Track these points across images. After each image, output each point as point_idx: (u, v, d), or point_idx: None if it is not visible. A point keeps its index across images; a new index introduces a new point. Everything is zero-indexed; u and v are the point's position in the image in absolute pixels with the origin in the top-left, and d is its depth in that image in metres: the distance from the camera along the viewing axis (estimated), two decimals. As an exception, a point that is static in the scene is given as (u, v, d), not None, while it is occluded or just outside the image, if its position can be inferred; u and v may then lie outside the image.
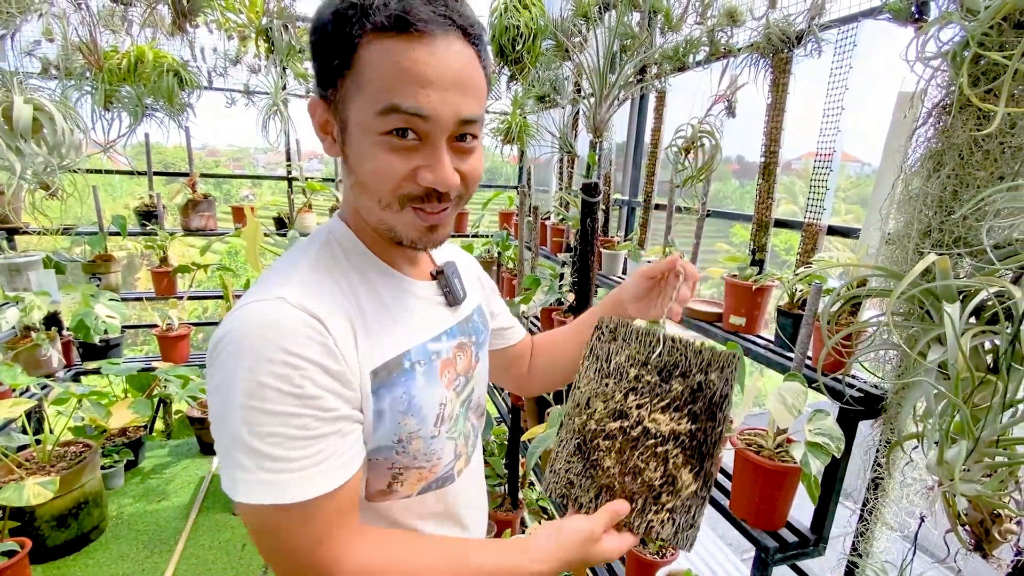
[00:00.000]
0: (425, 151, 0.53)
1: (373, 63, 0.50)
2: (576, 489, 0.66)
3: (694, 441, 0.64)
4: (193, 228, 2.85)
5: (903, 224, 0.99)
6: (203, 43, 2.59)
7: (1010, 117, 0.85)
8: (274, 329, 0.49)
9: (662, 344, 0.68)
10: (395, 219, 0.57)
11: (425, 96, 0.50)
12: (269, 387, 0.48)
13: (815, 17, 1.22)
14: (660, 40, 1.79)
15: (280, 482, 0.48)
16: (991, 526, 0.87)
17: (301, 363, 0.49)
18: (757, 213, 1.40)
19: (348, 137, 0.55)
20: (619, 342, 0.70)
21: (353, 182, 0.57)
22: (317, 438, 0.50)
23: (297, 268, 0.57)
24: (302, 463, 0.49)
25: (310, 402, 0.50)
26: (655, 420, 0.65)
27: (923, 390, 0.89)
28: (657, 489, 0.63)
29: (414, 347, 0.61)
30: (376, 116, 0.51)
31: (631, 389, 0.67)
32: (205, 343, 7.83)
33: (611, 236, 2.21)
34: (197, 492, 2.60)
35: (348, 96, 0.53)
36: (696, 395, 0.65)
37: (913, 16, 1.03)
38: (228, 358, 0.49)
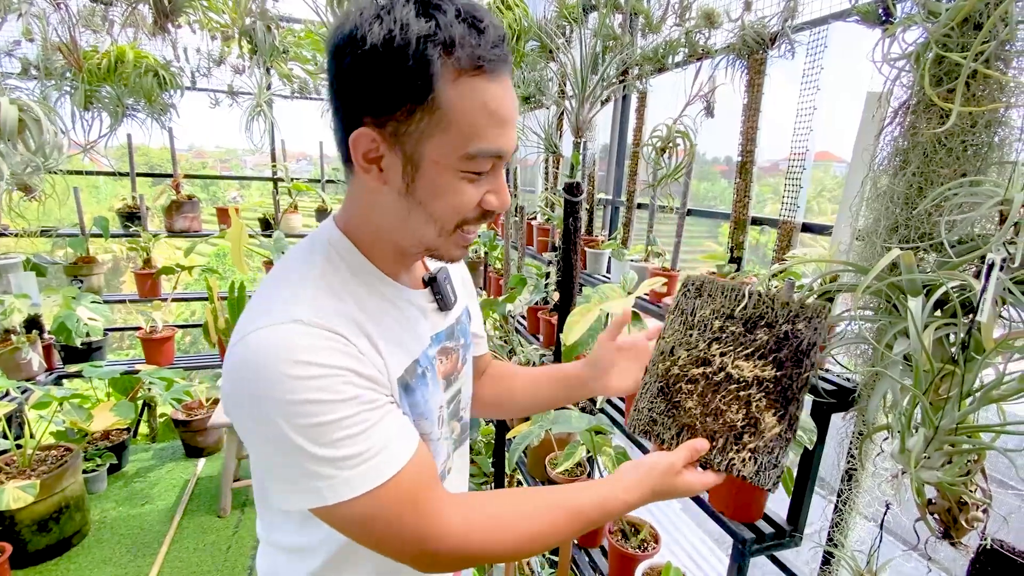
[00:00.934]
0: (490, 178, 0.56)
1: (461, 103, 0.50)
2: (658, 427, 0.71)
3: (779, 386, 0.67)
4: (177, 229, 2.83)
5: (872, 221, 1.02)
6: (186, 43, 2.57)
7: (971, 116, 0.87)
8: (298, 350, 0.49)
9: (748, 298, 0.72)
10: (445, 242, 0.59)
11: (502, 137, 0.53)
12: (314, 402, 0.48)
13: (788, 19, 1.24)
14: (641, 42, 1.82)
15: (364, 472, 0.50)
16: (958, 514, 0.90)
17: (334, 371, 0.50)
18: (734, 211, 1.42)
19: (420, 172, 0.53)
20: (704, 297, 0.75)
21: (409, 211, 0.56)
22: (376, 424, 0.52)
23: (304, 284, 0.55)
24: (376, 448, 0.51)
25: (356, 400, 0.51)
26: (738, 366, 0.69)
27: (890, 382, 0.91)
28: (739, 430, 0.66)
29: (421, 354, 0.64)
30: (460, 158, 0.52)
31: (715, 339, 0.71)
32: (193, 346, 7.75)
33: (595, 235, 2.23)
34: (182, 495, 2.57)
35: (424, 132, 0.51)
36: (782, 343, 0.68)
37: (880, 18, 1.06)
38: (258, 391, 0.49)
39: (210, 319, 2.82)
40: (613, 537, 1.41)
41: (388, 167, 0.54)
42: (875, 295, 0.96)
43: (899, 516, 1.01)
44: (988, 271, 0.67)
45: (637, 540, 1.40)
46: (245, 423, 0.52)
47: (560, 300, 1.74)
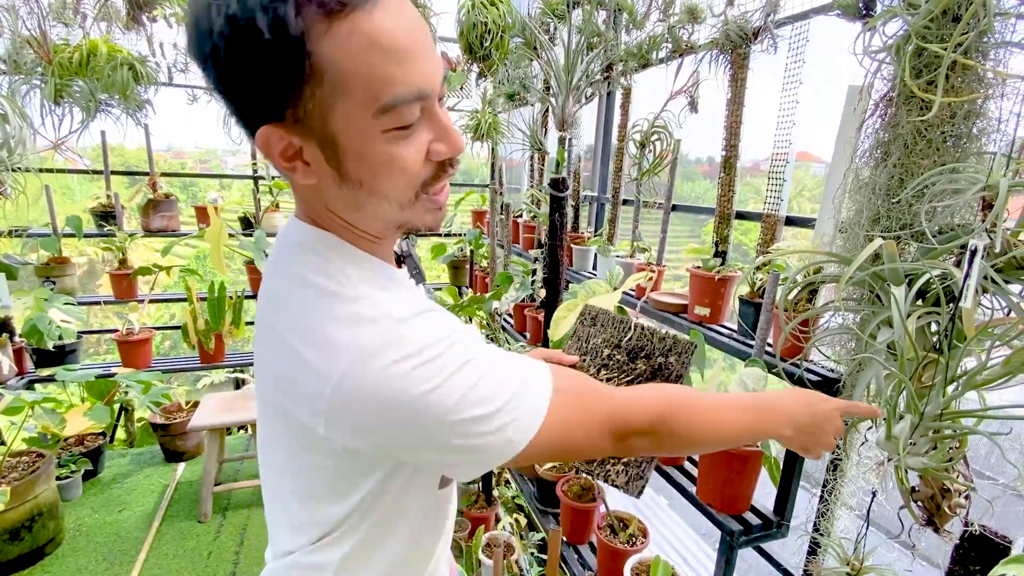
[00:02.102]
0: (428, 125, 0.48)
1: (345, 55, 0.41)
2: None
3: None
4: (154, 229, 2.76)
5: (854, 212, 1.03)
6: (162, 38, 2.51)
7: (951, 107, 0.89)
8: (404, 339, 0.46)
9: (633, 331, 0.81)
10: (412, 214, 0.52)
11: (416, 71, 0.44)
12: (476, 351, 0.49)
13: (770, 14, 1.25)
14: (625, 37, 1.82)
15: (536, 393, 0.51)
16: (941, 501, 0.91)
17: (454, 332, 0.49)
18: (719, 206, 1.43)
19: (342, 151, 0.46)
20: (597, 326, 0.84)
21: (356, 197, 0.50)
22: (500, 352, 0.53)
23: (364, 283, 0.51)
24: (523, 371, 0.52)
25: (480, 343, 0.51)
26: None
27: (874, 370, 0.92)
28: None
29: None
30: (377, 114, 0.44)
31: (603, 365, 0.81)
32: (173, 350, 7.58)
33: (581, 232, 2.23)
34: (160, 500, 2.51)
35: (324, 104, 0.43)
36: (656, 374, 0.78)
37: (861, 12, 1.07)
38: (388, 395, 0.45)
39: (189, 321, 2.75)
40: (602, 532, 1.40)
41: (311, 158, 0.47)
42: (858, 285, 0.96)
43: (883, 506, 1.01)
44: (971, 257, 0.68)
45: (625, 535, 1.39)
46: (392, 429, 0.47)
47: (546, 297, 1.73)
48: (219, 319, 2.77)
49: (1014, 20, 0.82)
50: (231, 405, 2.45)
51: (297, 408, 0.50)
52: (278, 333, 0.51)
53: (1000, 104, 0.86)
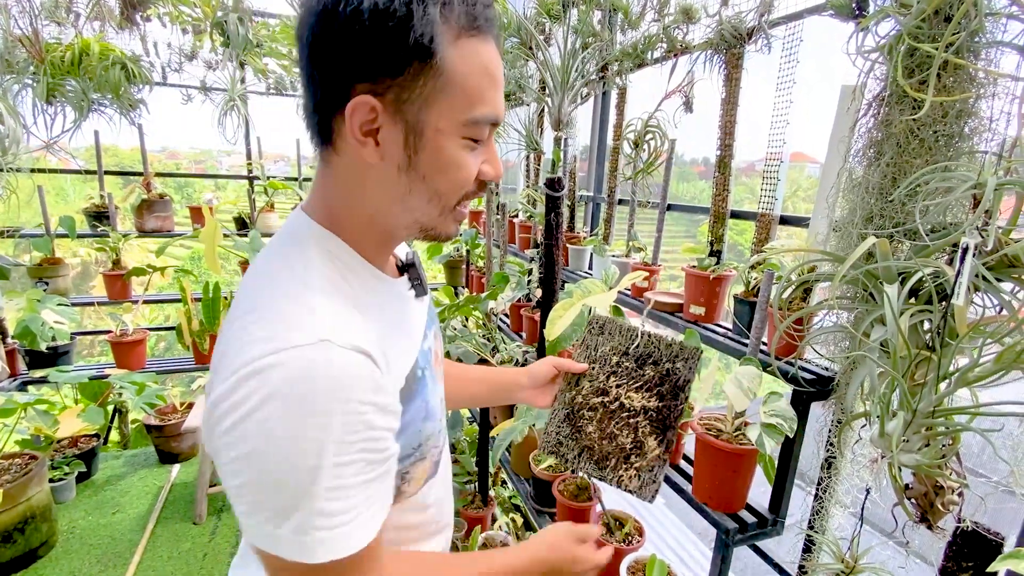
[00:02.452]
0: (485, 148, 0.54)
1: (463, 65, 0.47)
2: (563, 448, 0.82)
3: (660, 415, 0.79)
4: (148, 229, 2.74)
5: (848, 211, 1.03)
6: (156, 37, 2.50)
7: (942, 107, 0.89)
8: (332, 377, 0.43)
9: (640, 338, 0.84)
10: (443, 220, 0.55)
11: (498, 101, 0.51)
12: (334, 442, 0.43)
13: (764, 14, 1.25)
14: (620, 37, 1.82)
15: (333, 537, 0.44)
16: (935, 498, 0.91)
17: (361, 408, 0.45)
18: (714, 205, 1.43)
19: (423, 142, 0.49)
20: (605, 335, 0.87)
21: (411, 188, 0.51)
22: (368, 483, 0.47)
23: (311, 293, 0.49)
24: (353, 513, 0.45)
25: (367, 445, 0.46)
26: (629, 397, 0.81)
27: (867, 368, 0.92)
28: (628, 451, 0.78)
29: (419, 353, 0.60)
30: (465, 124, 0.49)
31: (612, 372, 0.83)
32: (168, 351, 7.54)
33: (577, 232, 2.23)
34: (155, 502, 2.50)
35: (429, 97, 0.47)
36: (664, 379, 0.81)
37: (854, 12, 1.07)
38: (274, 418, 0.42)
39: (184, 321, 2.74)
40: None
41: (386, 139, 0.49)
42: (852, 284, 0.97)
43: (877, 504, 1.02)
44: (963, 255, 0.68)
45: (622, 534, 1.39)
46: (233, 454, 0.44)
47: (542, 296, 1.73)
48: (214, 320, 2.76)
49: (1005, 20, 0.82)
50: (226, 406, 2.44)
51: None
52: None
53: (991, 103, 0.87)
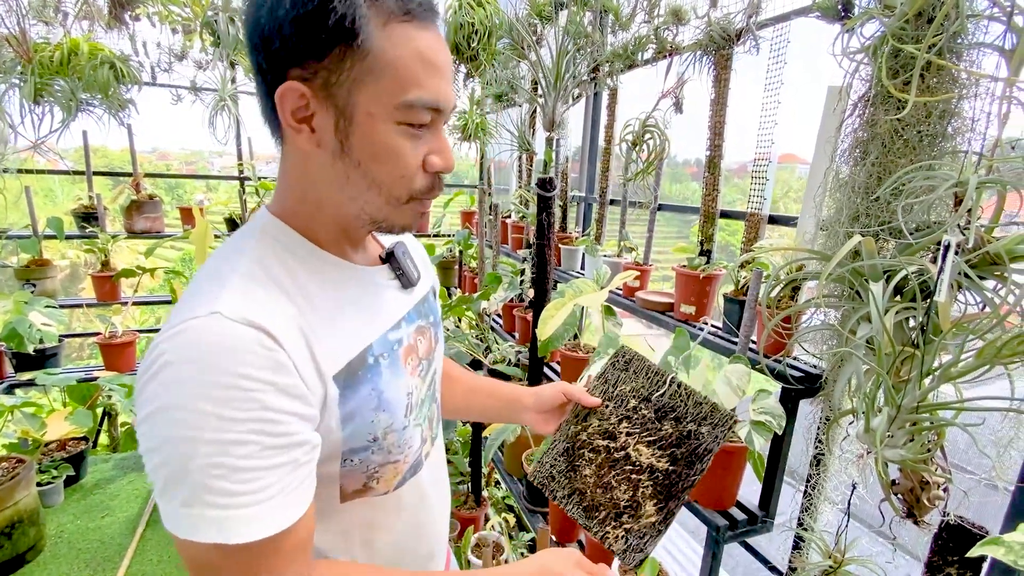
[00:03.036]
0: (429, 137, 0.53)
1: (391, 49, 0.47)
2: (554, 483, 0.75)
3: (667, 480, 0.70)
4: (138, 230, 2.72)
5: (835, 211, 1.04)
6: (145, 37, 2.48)
7: (926, 107, 0.90)
8: (213, 348, 0.43)
9: (667, 386, 0.74)
10: (395, 213, 0.55)
11: (439, 88, 0.51)
12: (211, 415, 0.42)
13: (752, 15, 1.27)
14: (611, 38, 1.83)
15: (226, 519, 0.43)
16: (920, 493, 0.93)
17: (248, 383, 0.43)
18: (704, 205, 1.44)
19: (354, 126, 0.49)
20: (629, 372, 0.77)
21: (347, 176, 0.52)
22: (268, 469, 0.45)
23: (233, 272, 0.49)
24: (250, 498, 0.44)
25: (261, 427, 0.44)
26: (638, 450, 0.72)
27: (854, 365, 0.93)
28: (621, 508, 0.70)
29: (375, 340, 0.58)
30: (396, 107, 0.49)
31: (626, 417, 0.74)
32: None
33: (569, 232, 2.23)
34: (145, 505, 2.47)
35: (355, 81, 0.48)
36: (683, 441, 0.71)
37: (839, 14, 1.09)
38: (162, 385, 0.43)
39: (174, 323, 2.72)
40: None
41: (320, 126, 0.50)
42: (838, 282, 0.98)
43: (865, 500, 1.03)
44: (944, 252, 0.69)
45: (613, 533, 1.40)
46: (141, 416, 0.44)
47: (535, 296, 1.74)
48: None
49: (986, 21, 0.84)
50: (217, 408, 2.42)
51: None
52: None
53: (974, 104, 0.88)
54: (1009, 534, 0.52)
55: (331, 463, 0.55)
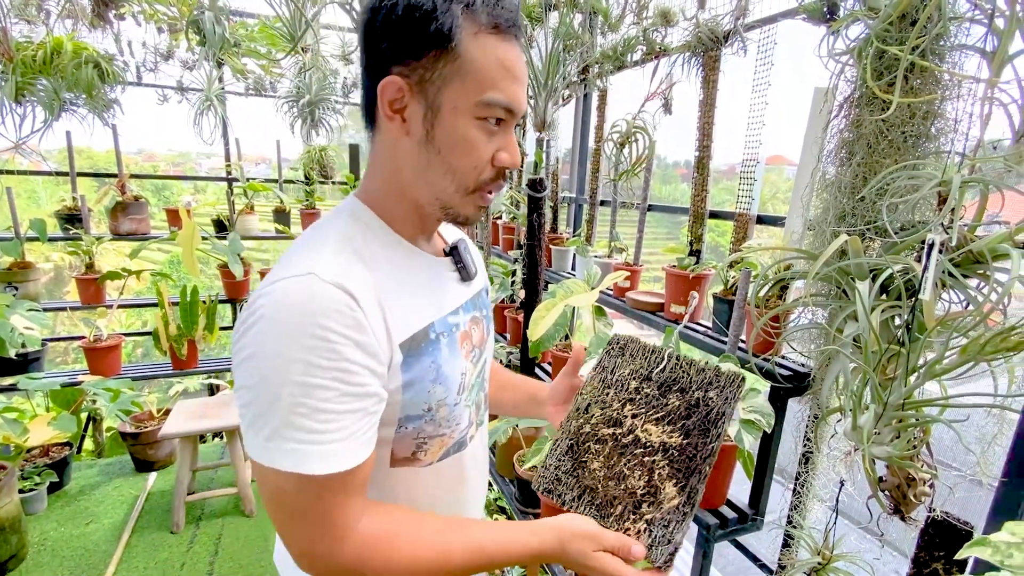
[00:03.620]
0: (501, 135, 0.60)
1: (478, 56, 0.55)
2: (562, 486, 0.68)
3: (683, 455, 0.64)
4: (123, 232, 2.68)
5: (822, 210, 1.05)
6: (130, 36, 2.45)
7: (910, 108, 0.92)
8: (306, 303, 0.50)
9: (666, 360, 0.71)
10: (462, 202, 0.62)
11: (514, 92, 0.58)
12: (300, 360, 0.49)
13: (740, 17, 1.28)
14: (600, 40, 1.84)
15: (304, 452, 0.50)
16: (907, 489, 0.94)
17: (333, 336, 0.50)
18: (693, 206, 1.45)
19: (439, 118, 0.57)
20: (626, 356, 0.75)
21: (429, 162, 0.59)
22: (343, 413, 0.51)
23: (324, 244, 0.58)
24: (326, 436, 0.51)
25: (340, 375, 0.51)
26: (647, 430, 0.67)
27: (841, 364, 0.94)
28: (639, 497, 0.63)
29: (438, 319, 0.64)
30: (477, 104, 0.56)
31: (629, 400, 0.70)
32: (147, 357, 7.37)
33: (560, 233, 2.24)
34: (131, 512, 2.43)
35: (445, 79, 0.56)
36: (692, 410, 0.67)
37: (825, 16, 1.10)
38: (259, 333, 0.50)
39: (161, 326, 2.69)
40: (581, 531, 1.40)
41: (411, 116, 0.58)
42: (826, 281, 0.99)
43: (853, 498, 1.04)
44: (928, 251, 0.70)
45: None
46: (238, 362, 0.52)
47: (526, 297, 1.73)
48: (192, 324, 2.71)
49: (968, 24, 0.85)
50: (205, 411, 2.39)
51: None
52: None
53: (957, 105, 0.90)
54: (995, 534, 0.52)
55: (388, 427, 0.61)
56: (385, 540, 0.55)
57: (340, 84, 2.87)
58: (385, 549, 0.55)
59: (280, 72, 2.62)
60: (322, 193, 3.12)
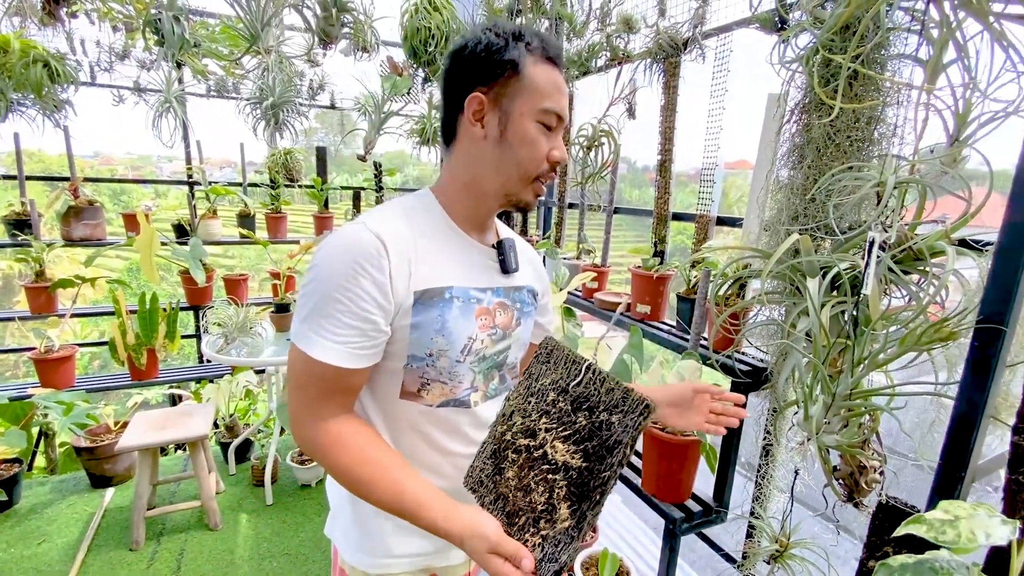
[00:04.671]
0: (554, 136, 0.77)
1: (538, 76, 0.73)
2: (482, 488, 0.71)
3: (580, 479, 0.63)
4: (76, 238, 2.57)
5: (776, 211, 1.09)
6: (84, 35, 2.36)
7: (855, 113, 0.97)
8: (350, 243, 0.69)
9: (583, 374, 0.68)
10: (522, 189, 0.77)
11: (562, 103, 0.76)
12: (335, 277, 0.68)
13: (697, 25, 1.32)
14: (566, 45, 1.87)
15: (312, 340, 0.68)
16: (859, 477, 0.98)
17: (359, 269, 0.68)
18: (657, 208, 1.49)
19: (510, 121, 0.74)
20: (550, 364, 0.72)
21: (502, 155, 0.75)
22: (347, 326, 0.68)
23: (386, 207, 0.76)
24: (330, 335, 0.68)
25: (354, 297, 0.68)
26: (555, 447, 0.66)
27: (795, 358, 0.98)
28: (538, 513, 0.65)
29: (458, 286, 0.77)
30: (537, 111, 0.74)
31: (545, 412, 0.69)
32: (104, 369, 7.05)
33: (530, 235, 2.25)
34: (86, 530, 2.32)
35: (515, 94, 0.73)
36: (594, 433, 0.64)
37: (776, 25, 1.15)
38: (321, 254, 0.70)
39: (118, 335, 2.58)
40: (552, 531, 1.42)
41: (488, 122, 0.74)
42: (780, 279, 1.03)
43: (812, 488, 1.08)
44: (869, 248, 0.74)
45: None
46: (309, 266, 0.71)
47: (495, 299, 1.74)
48: (152, 333, 2.62)
49: (905, 34, 0.90)
50: (165, 422, 2.31)
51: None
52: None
53: (897, 111, 0.95)
54: (930, 512, 0.56)
55: (398, 359, 0.75)
56: (339, 443, 0.71)
57: (306, 86, 2.83)
58: (334, 449, 0.71)
59: (242, 73, 2.56)
60: (288, 197, 3.05)
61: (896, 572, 0.62)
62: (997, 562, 0.64)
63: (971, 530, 0.53)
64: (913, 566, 0.62)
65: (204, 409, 2.43)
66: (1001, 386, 0.70)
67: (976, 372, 0.68)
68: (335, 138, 3.97)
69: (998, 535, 0.51)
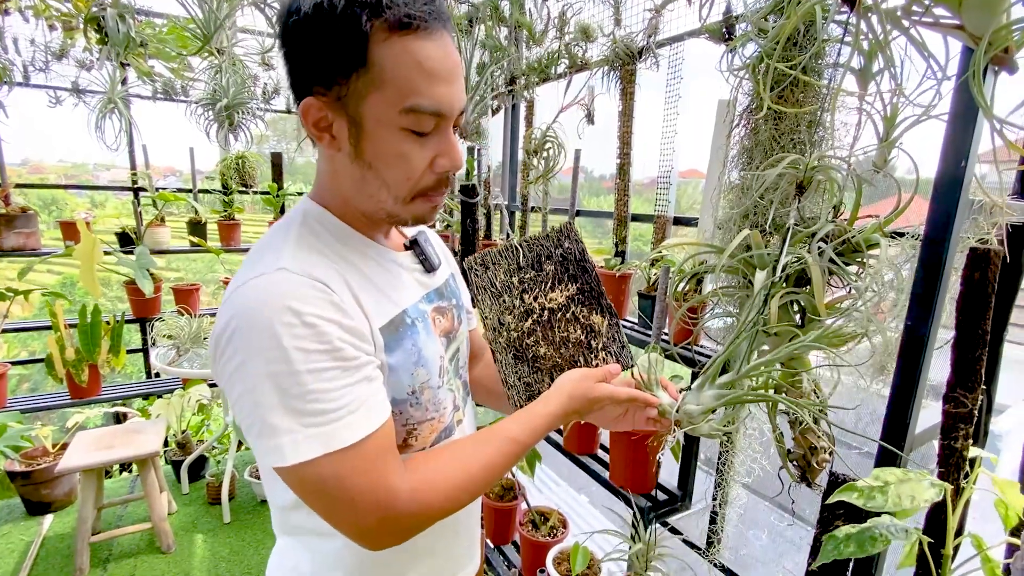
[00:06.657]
0: (436, 140, 0.58)
1: (391, 61, 0.52)
2: (534, 387, 0.78)
3: (584, 293, 0.80)
4: (8, 248, 2.40)
5: (728, 210, 1.16)
6: (17, 32, 2.22)
7: (797, 118, 1.04)
8: (285, 296, 0.51)
9: (520, 248, 0.80)
10: (404, 209, 0.61)
11: (441, 94, 0.55)
12: (293, 349, 0.50)
13: (651, 35, 1.38)
14: (526, 52, 1.91)
15: (328, 432, 0.51)
16: (811, 457, 1.04)
17: (317, 321, 0.51)
18: (616, 209, 1.54)
19: (363, 133, 0.55)
20: (491, 268, 0.80)
21: (363, 176, 0.58)
22: (348, 387, 0.53)
23: (285, 244, 0.58)
24: (342, 411, 0.52)
25: (335, 354, 0.52)
26: (551, 299, 0.79)
27: (744, 346, 1.04)
28: (585, 341, 0.79)
29: (409, 305, 0.66)
30: (399, 113, 0.54)
31: (522, 292, 0.79)
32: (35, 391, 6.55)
33: (494, 239, 2.27)
34: (23, 561, 2.16)
35: (362, 92, 0.53)
36: (566, 263, 0.80)
37: (724, 36, 1.22)
38: (242, 337, 0.50)
39: (55, 351, 2.42)
40: (524, 528, 1.43)
41: (338, 132, 0.56)
42: (733, 273, 1.09)
43: (768, 475, 1.14)
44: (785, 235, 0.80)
45: (547, 528, 1.43)
46: (228, 375, 0.52)
47: (460, 302, 1.75)
48: (94, 347, 2.47)
49: (839, 45, 0.98)
50: (111, 441, 2.18)
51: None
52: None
53: (833, 116, 1.03)
54: (861, 480, 0.61)
55: None
56: (433, 473, 0.57)
57: (261, 90, 2.76)
58: (438, 480, 0.57)
59: (192, 76, 2.47)
60: (242, 203, 2.95)
61: (842, 543, 0.67)
62: (935, 523, 0.70)
63: (898, 495, 0.58)
64: (856, 535, 0.67)
65: (154, 426, 2.31)
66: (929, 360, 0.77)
67: (909, 349, 0.75)
68: (288, 145, 3.90)
69: (924, 497, 0.56)
